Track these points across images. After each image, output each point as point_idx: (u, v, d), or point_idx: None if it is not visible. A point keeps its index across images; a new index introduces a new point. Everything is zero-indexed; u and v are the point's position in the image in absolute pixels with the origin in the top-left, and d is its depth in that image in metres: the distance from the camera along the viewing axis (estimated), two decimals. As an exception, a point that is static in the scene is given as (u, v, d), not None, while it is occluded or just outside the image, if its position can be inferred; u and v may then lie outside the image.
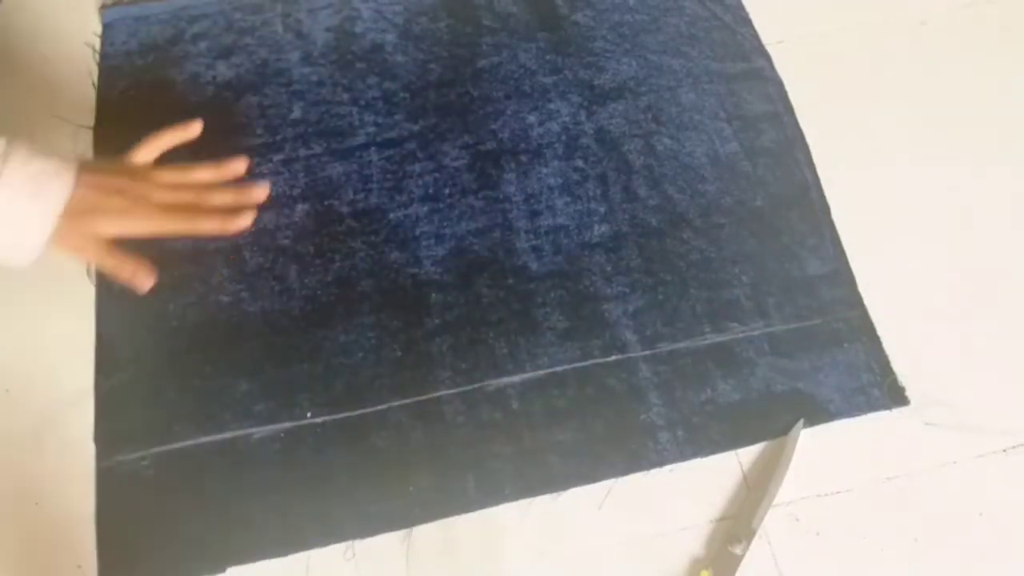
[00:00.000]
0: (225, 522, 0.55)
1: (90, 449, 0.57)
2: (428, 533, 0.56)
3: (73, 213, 0.50)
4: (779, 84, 0.72)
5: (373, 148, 0.68)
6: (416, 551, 0.55)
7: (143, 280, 0.55)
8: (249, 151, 0.67)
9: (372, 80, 0.72)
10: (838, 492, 0.57)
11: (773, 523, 0.56)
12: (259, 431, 0.58)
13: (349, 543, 0.55)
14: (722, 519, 0.56)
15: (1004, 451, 0.58)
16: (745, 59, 0.73)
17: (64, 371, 0.59)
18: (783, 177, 0.68)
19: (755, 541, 0.55)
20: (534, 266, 0.64)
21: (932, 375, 0.60)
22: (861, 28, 0.75)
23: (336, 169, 0.67)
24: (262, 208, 0.65)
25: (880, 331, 0.62)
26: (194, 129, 0.59)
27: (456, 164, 0.68)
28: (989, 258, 0.65)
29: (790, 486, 0.57)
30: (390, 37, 0.74)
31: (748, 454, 0.58)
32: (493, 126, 0.70)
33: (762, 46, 0.74)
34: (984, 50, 0.74)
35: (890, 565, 0.55)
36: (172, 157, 0.59)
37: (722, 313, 0.62)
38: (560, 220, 0.66)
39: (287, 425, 0.58)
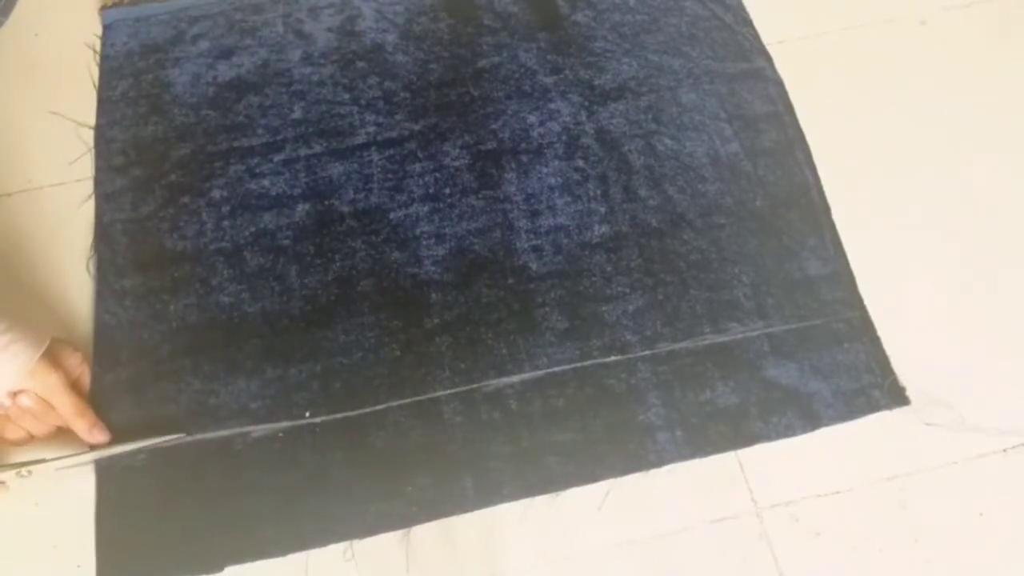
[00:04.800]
0: (223, 521, 0.55)
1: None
2: (427, 533, 0.55)
3: None
4: (780, 84, 0.72)
5: (374, 148, 0.68)
6: (415, 551, 0.55)
7: None
8: (250, 151, 0.68)
9: (373, 80, 0.72)
10: (838, 492, 0.57)
11: (773, 523, 0.56)
12: (257, 430, 0.58)
13: (348, 543, 0.55)
14: (721, 519, 0.56)
15: (1004, 451, 0.58)
16: (746, 59, 0.73)
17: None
18: (783, 177, 0.68)
19: (755, 541, 0.55)
20: (534, 266, 0.64)
21: (932, 376, 0.60)
22: (861, 28, 0.75)
23: (336, 169, 0.67)
24: (263, 208, 0.65)
25: (880, 331, 0.62)
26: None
27: (456, 164, 0.68)
28: (989, 258, 0.65)
29: (790, 486, 0.57)
30: (391, 37, 0.74)
31: (747, 454, 0.58)
32: (494, 126, 0.70)
33: (763, 46, 0.74)
34: (984, 50, 0.74)
35: (890, 565, 0.55)
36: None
37: (722, 313, 0.62)
38: (560, 220, 0.66)
39: (286, 425, 0.58)
